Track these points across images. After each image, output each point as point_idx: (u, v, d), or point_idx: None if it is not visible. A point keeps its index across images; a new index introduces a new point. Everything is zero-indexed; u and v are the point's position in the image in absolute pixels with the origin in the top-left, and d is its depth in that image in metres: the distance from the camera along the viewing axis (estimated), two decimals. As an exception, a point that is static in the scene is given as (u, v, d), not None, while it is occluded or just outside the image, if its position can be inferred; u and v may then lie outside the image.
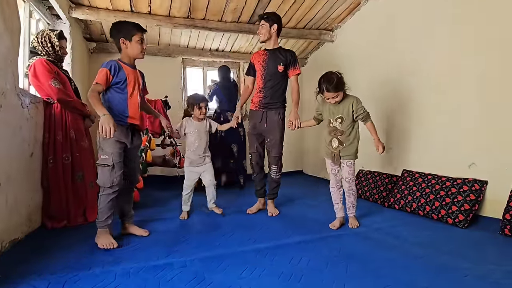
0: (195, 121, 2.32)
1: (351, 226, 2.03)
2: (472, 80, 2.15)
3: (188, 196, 2.32)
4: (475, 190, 2.06)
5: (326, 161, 2.10)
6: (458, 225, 2.00)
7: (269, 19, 2.28)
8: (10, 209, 1.60)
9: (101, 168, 1.65)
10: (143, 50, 1.73)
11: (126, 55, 1.73)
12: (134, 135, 1.80)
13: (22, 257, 1.52)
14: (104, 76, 1.61)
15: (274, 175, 2.40)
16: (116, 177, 1.65)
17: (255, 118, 2.38)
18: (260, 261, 1.49)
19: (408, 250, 1.61)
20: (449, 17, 2.30)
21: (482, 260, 1.45)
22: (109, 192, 1.66)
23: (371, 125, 2.00)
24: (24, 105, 1.78)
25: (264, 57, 2.33)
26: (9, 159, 1.61)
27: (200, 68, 4.34)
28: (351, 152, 1.98)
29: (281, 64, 2.27)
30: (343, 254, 1.56)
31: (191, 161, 2.31)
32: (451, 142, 2.31)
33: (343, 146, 1.98)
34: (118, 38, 1.69)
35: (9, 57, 1.61)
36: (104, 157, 1.65)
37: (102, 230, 1.68)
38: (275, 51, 2.32)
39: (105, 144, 1.65)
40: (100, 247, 1.63)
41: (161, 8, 2.95)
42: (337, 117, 1.98)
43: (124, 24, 1.72)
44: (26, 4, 2.24)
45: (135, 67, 1.79)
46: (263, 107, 2.34)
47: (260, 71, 2.34)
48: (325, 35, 3.75)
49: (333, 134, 2.00)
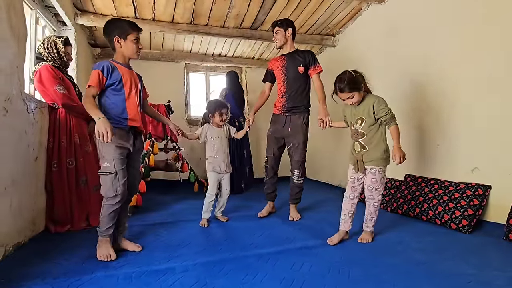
0: (216, 127, 2.28)
1: (361, 241, 1.81)
2: (474, 83, 2.15)
3: (211, 204, 2.25)
4: (478, 195, 2.04)
5: (349, 167, 1.92)
6: (461, 230, 1.98)
7: (283, 24, 2.30)
8: (14, 213, 1.62)
9: (103, 177, 1.55)
10: (138, 49, 1.63)
11: (120, 55, 1.62)
12: (136, 138, 1.70)
13: (26, 260, 1.53)
14: (96, 77, 1.50)
15: (296, 179, 2.38)
16: (120, 186, 1.55)
17: (278, 122, 2.39)
18: (262, 266, 1.48)
19: (411, 256, 1.59)
20: (450, 20, 2.31)
21: (486, 266, 1.44)
22: (112, 203, 1.55)
23: (394, 129, 1.76)
24: (30, 110, 1.81)
25: (283, 62, 2.35)
26: (14, 163, 1.63)
27: (202, 73, 4.38)
28: (376, 157, 1.76)
29: (301, 65, 2.28)
30: (345, 259, 1.56)
31: (214, 166, 2.25)
32: (453, 146, 2.31)
33: (366, 149, 1.78)
34: (113, 37, 1.58)
35: (16, 63, 1.64)
36: (105, 165, 1.54)
37: (103, 239, 1.60)
38: (293, 54, 2.34)
39: (106, 151, 1.54)
40: (98, 258, 1.56)
41: (164, 15, 3.00)
42: (357, 118, 1.82)
43: (119, 22, 1.62)
44: (33, 11, 2.28)
45: (130, 67, 1.68)
46: (286, 111, 2.35)
47: (281, 76, 2.36)
48: (327, 40, 3.78)
49: (354, 137, 1.85)
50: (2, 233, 1.51)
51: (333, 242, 1.78)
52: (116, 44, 1.59)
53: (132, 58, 1.66)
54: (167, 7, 2.87)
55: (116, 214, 1.60)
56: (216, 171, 2.26)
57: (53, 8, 2.45)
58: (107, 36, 1.61)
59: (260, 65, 4.42)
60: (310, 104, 2.40)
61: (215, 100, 2.37)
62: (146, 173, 2.81)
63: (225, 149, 2.30)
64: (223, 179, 2.31)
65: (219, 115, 2.23)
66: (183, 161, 3.34)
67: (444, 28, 2.38)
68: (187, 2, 2.82)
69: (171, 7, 2.88)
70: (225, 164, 2.28)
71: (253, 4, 2.98)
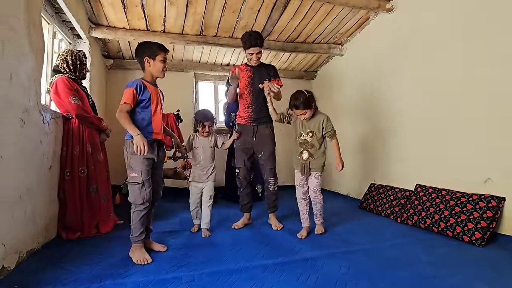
0: (201, 136, 2.33)
1: (317, 232, 2.18)
2: (486, 92, 2.11)
3: (196, 212, 2.32)
4: (492, 206, 1.98)
5: (295, 174, 2.23)
6: (474, 243, 1.92)
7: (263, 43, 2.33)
8: (28, 220, 1.68)
9: (132, 186, 1.69)
10: (164, 68, 1.79)
11: (149, 74, 1.79)
12: (160, 149, 1.85)
13: (38, 267, 1.57)
14: (131, 95, 1.66)
15: (272, 187, 2.41)
16: (147, 193, 1.70)
17: (245, 132, 2.41)
18: (268, 277, 1.48)
19: (421, 269, 1.55)
20: (460, 30, 2.30)
21: (499, 282, 1.39)
22: (141, 209, 1.70)
23: (336, 143, 2.17)
24: (45, 121, 1.88)
25: (249, 73, 2.37)
26: (30, 172, 1.70)
27: (211, 82, 4.46)
28: (320, 165, 2.14)
29: (266, 79, 2.29)
30: (352, 272, 1.53)
31: (194, 176, 2.30)
32: (466, 156, 2.26)
33: (313, 158, 2.13)
34: (143, 57, 1.75)
35: (33, 76, 1.72)
36: (133, 175, 1.69)
37: (136, 245, 1.72)
38: (260, 67, 2.39)
39: (134, 162, 1.69)
40: (135, 262, 1.65)
41: (174, 27, 3.09)
42: (308, 131, 2.14)
43: (149, 44, 1.79)
44: (50, 26, 2.40)
45: (156, 85, 1.85)
46: (253, 121, 2.38)
47: (247, 87, 2.37)
48: (335, 49, 3.80)
49: (304, 146, 2.16)
50: (17, 240, 1.57)
51: (303, 236, 2.11)
52: (146, 64, 1.76)
53: (158, 76, 1.82)
54: (177, 19, 2.96)
55: (145, 219, 1.74)
56: (195, 180, 2.30)
57: (69, 22, 2.57)
58: (138, 57, 1.78)
59: (268, 74, 4.46)
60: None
61: (201, 111, 2.41)
62: (155, 181, 2.86)
63: (208, 159, 2.31)
64: (204, 186, 2.30)
65: (202, 126, 2.28)
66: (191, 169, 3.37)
67: (452, 37, 2.36)
68: (196, 14, 2.90)
69: (181, 20, 2.97)
70: (205, 173, 2.29)
71: (260, 15, 3.03)
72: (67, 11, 2.34)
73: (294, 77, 4.64)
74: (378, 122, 3.22)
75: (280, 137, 2.90)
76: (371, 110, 3.32)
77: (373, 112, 3.29)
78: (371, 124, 3.33)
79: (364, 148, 3.46)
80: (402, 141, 2.88)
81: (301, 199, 2.23)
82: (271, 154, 2.38)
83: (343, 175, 3.92)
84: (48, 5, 2.30)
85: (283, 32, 3.39)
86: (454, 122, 2.35)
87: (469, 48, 2.23)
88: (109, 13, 2.80)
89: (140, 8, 2.75)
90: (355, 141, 3.62)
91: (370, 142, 3.35)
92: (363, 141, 3.48)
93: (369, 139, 3.35)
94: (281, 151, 3.12)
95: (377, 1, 2.90)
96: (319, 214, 2.22)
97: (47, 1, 2.25)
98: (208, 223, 2.27)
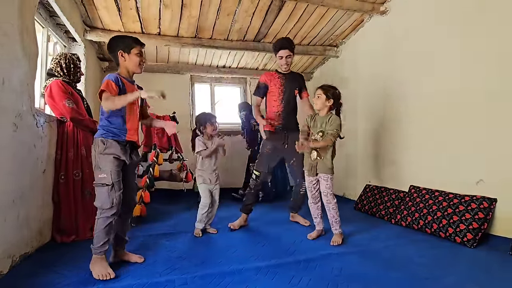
0: (206, 139, 2.35)
1: (333, 244, 2.00)
2: (479, 95, 2.13)
3: (206, 215, 2.31)
4: (483, 208, 2.00)
5: (305, 177, 2.21)
6: (466, 244, 1.94)
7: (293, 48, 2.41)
8: (21, 224, 1.67)
9: (99, 188, 1.53)
10: (141, 63, 1.66)
11: (124, 69, 1.66)
12: (133, 151, 1.70)
13: (32, 271, 1.57)
14: (111, 85, 1.52)
15: (303, 190, 2.44)
16: (116, 197, 1.53)
17: (276, 140, 2.43)
18: (260, 279, 1.49)
19: (414, 271, 1.57)
20: (453, 31, 2.32)
21: (490, 283, 1.41)
22: (108, 215, 1.52)
23: (327, 140, 2.01)
24: (39, 125, 1.88)
25: (282, 81, 2.44)
26: (23, 177, 1.70)
27: (207, 84, 4.47)
28: (327, 167, 2.05)
29: (297, 88, 2.45)
30: (344, 274, 1.54)
31: (204, 178, 2.32)
32: (459, 157, 2.28)
33: (321, 159, 2.06)
34: (117, 51, 1.62)
35: (27, 81, 1.72)
36: (102, 176, 1.53)
37: (97, 257, 1.54)
38: (290, 75, 2.47)
39: (103, 162, 1.54)
40: (96, 277, 1.48)
41: (170, 29, 3.09)
42: (318, 130, 2.08)
43: (122, 37, 1.68)
44: (45, 30, 2.40)
45: (133, 82, 1.71)
46: (284, 129, 2.43)
47: (279, 95, 2.43)
48: (330, 50, 3.82)
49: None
50: (10, 244, 1.56)
51: (312, 237, 2.12)
52: (120, 58, 1.63)
53: (135, 72, 1.68)
54: (172, 22, 2.97)
55: (111, 228, 1.56)
56: (206, 183, 2.32)
57: (64, 25, 2.57)
58: (111, 52, 1.65)
59: (264, 76, 4.48)
60: None
61: (202, 112, 2.43)
62: (151, 184, 2.86)
63: (214, 162, 2.35)
64: (214, 189, 2.35)
65: (211, 124, 2.31)
66: (187, 171, 3.38)
67: (445, 39, 2.39)
68: (191, 17, 2.91)
69: (176, 23, 2.98)
70: (214, 176, 2.34)
71: (255, 18, 3.05)
72: (61, 15, 2.34)
73: (290, 78, 4.65)
74: (373, 123, 3.24)
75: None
76: (366, 111, 3.34)
77: (368, 114, 3.31)
78: (366, 126, 3.35)
79: (359, 148, 3.48)
80: (396, 142, 2.90)
81: (311, 203, 2.21)
82: (301, 159, 2.29)
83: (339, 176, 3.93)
84: (42, 9, 2.30)
85: (278, 35, 3.40)
86: (447, 124, 2.38)
87: (462, 50, 2.26)
88: (103, 16, 2.81)
89: (134, 11, 2.75)
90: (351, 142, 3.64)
91: (365, 143, 3.37)
92: (358, 142, 3.49)
93: (365, 140, 3.37)
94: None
95: (371, 4, 2.92)
96: (334, 222, 2.06)
97: (41, 5, 2.25)
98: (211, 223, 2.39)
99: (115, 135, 1.58)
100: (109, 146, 1.55)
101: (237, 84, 4.58)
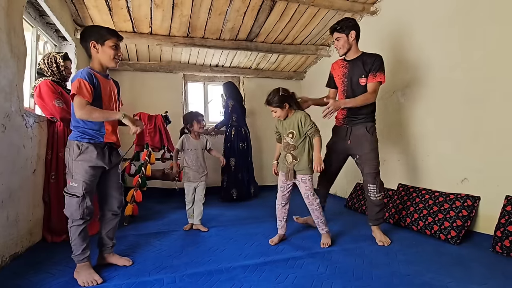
0: (193, 138, 2.43)
1: (323, 246, 1.95)
2: (465, 96, 2.17)
3: (191, 210, 2.43)
4: (467, 206, 2.06)
5: (279, 176, 2.10)
6: (450, 241, 2.00)
7: (343, 29, 2.06)
8: (11, 224, 1.69)
9: (69, 198, 1.42)
10: (116, 56, 1.52)
11: (97, 62, 1.52)
12: (112, 154, 1.58)
13: (21, 271, 1.58)
14: (84, 86, 1.37)
15: (373, 196, 2.06)
16: (86, 208, 1.44)
17: (338, 134, 2.24)
18: (247, 277, 1.52)
19: (396, 268, 1.61)
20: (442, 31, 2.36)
21: (467, 279, 1.46)
22: (79, 223, 1.44)
23: (317, 140, 1.95)
24: (28, 125, 1.89)
25: (344, 70, 2.15)
26: (12, 177, 1.70)
27: (201, 83, 4.47)
28: (305, 167, 1.96)
29: (362, 76, 2.05)
30: (330, 271, 1.58)
31: (189, 176, 2.41)
32: (444, 157, 2.33)
33: (297, 161, 1.97)
34: (89, 42, 1.48)
35: (15, 82, 1.73)
36: (73, 185, 1.42)
37: (81, 265, 1.47)
38: (357, 60, 2.09)
39: (76, 170, 1.42)
40: (81, 285, 1.42)
41: (161, 29, 3.09)
42: (288, 132, 2.00)
43: (96, 27, 1.55)
44: (34, 29, 2.39)
45: (108, 76, 1.58)
46: (347, 122, 2.17)
47: (341, 86, 2.18)
48: (322, 50, 3.84)
49: (286, 149, 2.01)
50: (-1, 245, 1.58)
51: (274, 242, 2.03)
52: (92, 49, 1.50)
53: (109, 66, 1.54)
54: (164, 22, 2.97)
55: (86, 233, 1.48)
56: (190, 180, 2.41)
57: (54, 24, 2.56)
58: (83, 42, 1.52)
59: (257, 75, 4.49)
60: (373, 113, 2.15)
61: (189, 112, 2.53)
62: (143, 183, 2.88)
63: (200, 160, 2.43)
64: (197, 186, 2.42)
65: (197, 122, 2.39)
66: (180, 170, 3.39)
67: (434, 39, 2.43)
68: (183, 17, 2.92)
69: (167, 22, 2.98)
70: (199, 173, 2.41)
71: (247, 18, 3.06)
72: (51, 14, 2.33)
73: (283, 77, 4.68)
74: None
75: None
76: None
77: (359, 113, 3.35)
78: (357, 125, 3.39)
79: (350, 148, 3.52)
80: (386, 141, 2.94)
81: (279, 204, 2.08)
82: (367, 156, 2.06)
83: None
84: (31, 8, 2.29)
85: (270, 34, 3.42)
86: (433, 124, 2.42)
87: (448, 51, 2.30)
88: (94, 15, 2.80)
89: (125, 11, 2.75)
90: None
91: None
92: (349, 142, 3.53)
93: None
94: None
95: (361, 4, 2.95)
96: (320, 223, 2.00)
97: (30, 4, 2.24)
98: (201, 219, 2.43)
99: (91, 137, 1.47)
100: (84, 151, 1.44)
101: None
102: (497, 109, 1.96)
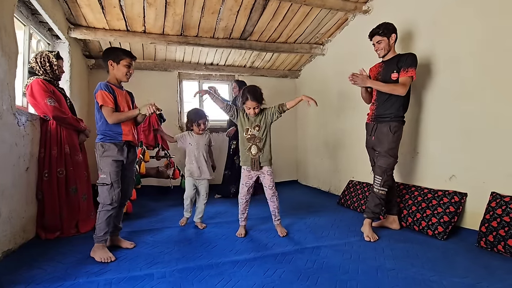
0: (196, 133, 2.43)
1: (282, 235, 2.14)
2: (453, 94, 2.21)
3: (189, 205, 2.44)
4: (454, 202, 2.10)
5: (242, 172, 2.22)
6: (437, 236, 2.04)
7: (385, 32, 2.14)
8: (4, 221, 1.71)
9: (101, 187, 1.77)
10: (128, 73, 1.88)
11: (113, 77, 1.88)
12: (130, 151, 1.90)
13: (14, 267, 1.61)
14: (106, 97, 1.76)
15: (377, 187, 2.13)
16: (115, 195, 1.77)
17: (367, 131, 2.35)
18: (236, 272, 1.55)
19: (382, 263, 1.65)
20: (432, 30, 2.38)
21: (450, 273, 1.50)
22: (108, 209, 1.76)
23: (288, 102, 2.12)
24: (20, 124, 1.90)
25: (379, 69, 2.26)
26: (4, 175, 1.72)
27: (196, 81, 4.48)
28: (269, 159, 2.15)
29: (394, 71, 2.11)
30: (317, 266, 1.62)
31: (191, 172, 2.40)
32: (433, 154, 2.37)
33: (262, 152, 2.13)
34: (107, 61, 1.86)
35: (6, 80, 1.74)
36: (103, 177, 1.77)
37: (99, 245, 1.76)
38: (392, 60, 2.17)
39: (103, 164, 1.78)
40: (98, 260, 1.70)
41: (155, 27, 3.10)
42: (255, 125, 2.14)
43: (114, 49, 1.91)
44: (26, 28, 2.39)
45: (122, 87, 1.94)
46: (374, 119, 2.25)
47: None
48: (316, 49, 3.86)
49: (252, 141, 2.14)
50: (-8, 241, 1.60)
51: (242, 235, 2.17)
52: (109, 67, 1.86)
53: (122, 80, 1.90)
54: (157, 20, 2.98)
55: (111, 219, 1.80)
56: (192, 176, 2.41)
57: (47, 23, 2.56)
58: (103, 61, 1.88)
59: (251, 73, 4.51)
60: (401, 112, 2.16)
61: (194, 110, 2.49)
62: (137, 181, 2.90)
63: (202, 156, 2.41)
64: (200, 185, 2.43)
65: (197, 125, 2.39)
66: (174, 168, 3.42)
67: (425, 37, 2.46)
68: (176, 15, 2.93)
69: (160, 21, 2.99)
70: (201, 170, 2.40)
71: (240, 17, 3.08)
72: (43, 12, 2.33)
73: (278, 75, 4.70)
74: (357, 119, 3.30)
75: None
76: (351, 108, 3.41)
77: (353, 110, 3.38)
78: (351, 122, 3.42)
79: (345, 144, 3.56)
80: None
81: (244, 197, 2.20)
82: (382, 152, 2.14)
83: (324, 172, 4.02)
84: (23, 7, 2.29)
85: (264, 33, 3.44)
86: (421, 120, 2.46)
87: (440, 48, 2.33)
88: (87, 14, 2.80)
89: (118, 9, 2.75)
90: (336, 137, 3.72)
91: (350, 139, 3.44)
92: (344, 138, 3.57)
93: (350, 136, 3.45)
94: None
95: (354, 3, 2.97)
96: (277, 213, 2.21)
97: (22, 3, 2.25)
98: (202, 217, 2.45)
99: (112, 138, 1.80)
100: (107, 149, 1.78)
101: (226, 81, 4.60)
102: (485, 108, 2.00)
